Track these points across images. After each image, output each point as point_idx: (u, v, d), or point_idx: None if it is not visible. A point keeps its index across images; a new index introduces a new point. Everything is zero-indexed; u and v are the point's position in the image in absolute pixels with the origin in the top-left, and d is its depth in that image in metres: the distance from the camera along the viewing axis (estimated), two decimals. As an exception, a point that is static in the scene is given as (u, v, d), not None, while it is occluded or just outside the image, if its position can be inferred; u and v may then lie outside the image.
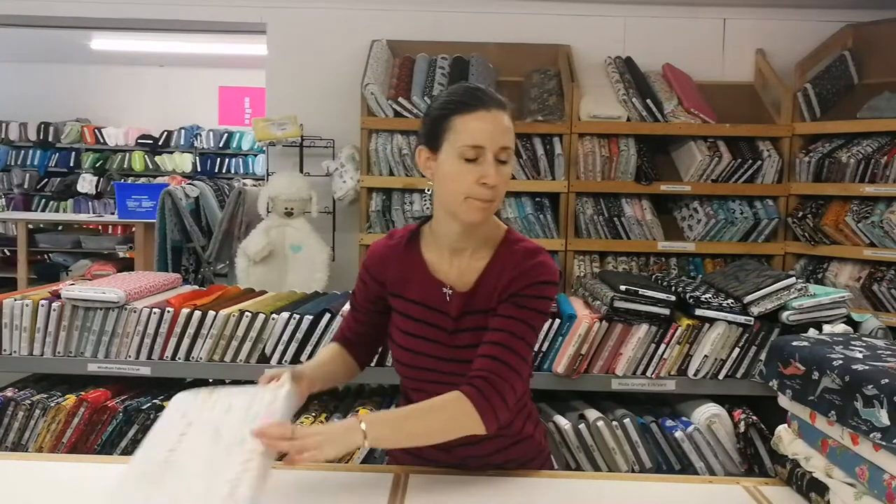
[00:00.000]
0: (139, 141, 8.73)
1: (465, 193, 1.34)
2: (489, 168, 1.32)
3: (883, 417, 1.14)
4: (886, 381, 1.17)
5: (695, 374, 2.31)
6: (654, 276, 3.06)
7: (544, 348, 2.33)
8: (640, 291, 2.30)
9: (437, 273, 1.44)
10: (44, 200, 8.69)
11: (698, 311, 2.31)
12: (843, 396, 1.25)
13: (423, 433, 1.36)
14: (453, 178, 1.35)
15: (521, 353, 1.37)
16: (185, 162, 8.68)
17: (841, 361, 1.30)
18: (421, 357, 1.45)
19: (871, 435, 1.17)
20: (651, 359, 2.32)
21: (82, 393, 2.32)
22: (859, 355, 1.34)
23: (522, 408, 1.53)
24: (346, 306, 2.32)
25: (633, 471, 2.20)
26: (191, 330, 2.33)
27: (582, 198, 3.70)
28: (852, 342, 1.45)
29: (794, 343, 1.45)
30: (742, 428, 2.19)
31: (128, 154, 8.66)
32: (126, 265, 5.36)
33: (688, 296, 2.36)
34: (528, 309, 1.38)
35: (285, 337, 2.31)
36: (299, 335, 2.31)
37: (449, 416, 1.33)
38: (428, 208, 3.65)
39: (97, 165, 8.69)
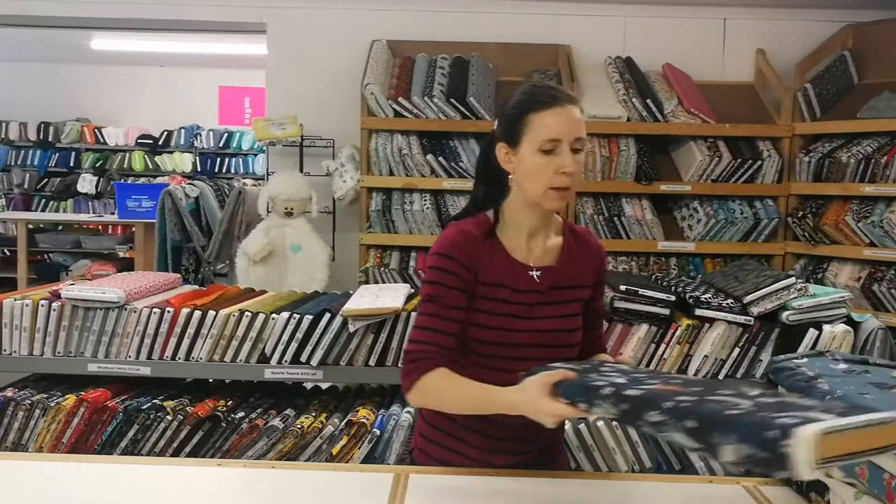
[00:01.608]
0: (139, 141, 8.72)
1: (548, 184, 1.45)
2: (566, 158, 1.44)
3: (689, 443, 1.06)
4: (670, 404, 1.10)
5: (695, 374, 2.31)
6: (654, 276, 3.06)
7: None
8: (640, 291, 2.30)
9: (518, 256, 1.55)
10: (44, 200, 8.69)
11: (698, 311, 2.31)
12: (629, 421, 1.19)
13: None
14: (535, 170, 1.46)
15: None
16: (185, 162, 8.67)
17: (612, 389, 1.22)
18: (502, 332, 1.52)
19: (693, 453, 1.07)
20: (651, 359, 2.32)
21: (82, 393, 2.32)
22: (621, 379, 1.28)
23: None
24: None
25: (633, 471, 2.20)
26: (191, 330, 2.33)
27: (582, 198, 3.70)
28: (601, 369, 1.40)
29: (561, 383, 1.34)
30: (742, 428, 2.19)
31: (128, 154, 8.64)
32: (126, 265, 5.36)
33: (688, 296, 2.36)
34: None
35: (285, 337, 2.31)
36: (299, 335, 2.30)
37: None
38: (427, 208, 3.66)
39: (97, 165, 8.68)
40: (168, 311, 2.32)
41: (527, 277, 1.53)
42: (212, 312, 2.33)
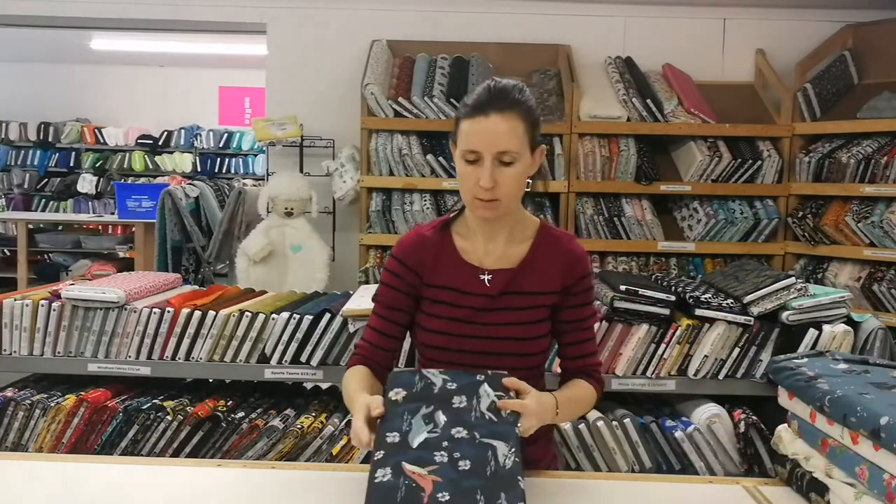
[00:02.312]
0: (139, 141, 8.72)
1: (470, 193, 1.42)
2: (484, 172, 1.38)
3: None
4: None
5: (695, 374, 2.31)
6: (654, 276, 3.06)
7: (544, 348, 2.33)
8: (640, 291, 2.30)
9: (470, 259, 1.50)
10: (44, 200, 8.69)
11: (698, 311, 2.31)
12: None
13: (578, 413, 1.63)
14: (461, 177, 1.43)
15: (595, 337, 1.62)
16: (185, 162, 8.68)
17: (384, 452, 1.24)
18: (451, 338, 1.48)
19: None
20: (651, 359, 2.32)
21: (82, 393, 2.32)
22: (421, 436, 1.25)
23: None
24: (348, 318, 2.32)
25: (633, 471, 2.20)
26: (191, 330, 2.33)
27: (582, 198, 3.70)
28: (444, 408, 1.31)
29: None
30: (742, 428, 2.19)
31: (128, 154, 8.65)
32: (126, 265, 5.36)
33: (688, 296, 2.36)
34: (591, 301, 1.57)
35: (285, 337, 2.31)
36: (299, 335, 2.30)
37: (590, 401, 1.56)
38: (427, 208, 3.66)
39: (97, 165, 8.69)
40: (168, 311, 2.32)
41: (476, 281, 1.47)
42: (212, 312, 2.33)
